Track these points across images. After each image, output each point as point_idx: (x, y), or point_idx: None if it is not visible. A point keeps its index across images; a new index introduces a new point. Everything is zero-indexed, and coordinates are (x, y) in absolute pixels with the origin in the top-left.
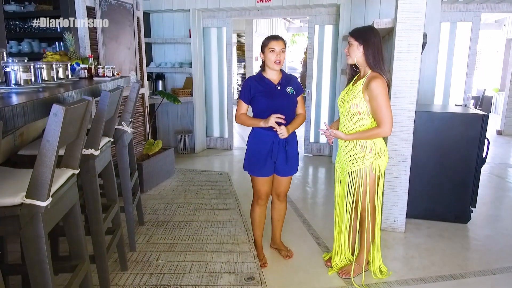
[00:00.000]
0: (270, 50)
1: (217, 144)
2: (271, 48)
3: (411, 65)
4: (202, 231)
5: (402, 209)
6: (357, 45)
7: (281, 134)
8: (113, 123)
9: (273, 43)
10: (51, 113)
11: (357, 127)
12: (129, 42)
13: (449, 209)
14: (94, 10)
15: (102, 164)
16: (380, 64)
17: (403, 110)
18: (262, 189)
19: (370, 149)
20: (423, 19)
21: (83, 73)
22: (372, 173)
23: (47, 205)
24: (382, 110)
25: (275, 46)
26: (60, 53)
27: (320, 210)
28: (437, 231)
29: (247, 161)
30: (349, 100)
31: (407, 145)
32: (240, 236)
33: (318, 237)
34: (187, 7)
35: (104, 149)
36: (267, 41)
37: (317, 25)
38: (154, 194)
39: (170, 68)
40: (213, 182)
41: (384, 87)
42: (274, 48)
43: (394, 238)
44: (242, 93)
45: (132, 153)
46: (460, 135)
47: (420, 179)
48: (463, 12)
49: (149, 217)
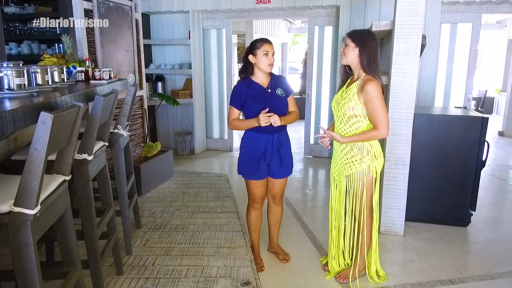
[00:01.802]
0: (264, 53)
1: (217, 145)
2: (265, 51)
3: (410, 67)
4: (199, 234)
5: (401, 212)
6: (353, 46)
7: (275, 122)
8: (107, 128)
9: (266, 46)
10: (39, 120)
11: (353, 129)
12: (128, 44)
13: (448, 212)
14: (91, 12)
15: (96, 169)
16: (374, 67)
17: (402, 112)
18: (257, 192)
19: (367, 151)
20: (422, 22)
21: (80, 76)
22: (369, 175)
23: (36, 213)
24: (379, 113)
25: (269, 49)
26: (58, 55)
27: (319, 213)
28: (436, 235)
29: (241, 164)
30: (345, 103)
31: (405, 148)
32: (237, 239)
33: (316, 240)
34: (186, 8)
35: (98, 154)
36: (260, 44)
37: (317, 26)
38: (152, 197)
39: (169, 69)
40: (212, 185)
41: (379, 90)
42: (267, 51)
43: (393, 241)
44: (232, 99)
45: (128, 157)
46: (460, 138)
47: (419, 182)
48: (464, 13)
49: (147, 220)
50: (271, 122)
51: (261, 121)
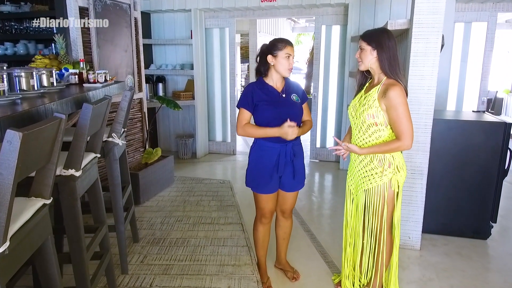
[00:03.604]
0: (286, 55)
1: (220, 148)
2: (287, 53)
3: (429, 69)
4: (201, 249)
5: (417, 225)
6: (370, 49)
7: (293, 133)
8: (99, 137)
9: (289, 48)
10: (4, 140)
11: (373, 139)
12: (126, 44)
13: (467, 224)
14: (87, 10)
15: (86, 184)
16: (396, 69)
17: (420, 118)
18: (266, 206)
19: (389, 164)
20: (442, 20)
21: (73, 79)
22: (391, 189)
23: (4, 251)
24: (403, 122)
25: (291, 52)
26: (50, 56)
27: (328, 223)
28: (454, 249)
29: (250, 176)
30: (364, 110)
31: (423, 156)
32: (242, 256)
33: (326, 255)
34: (188, 7)
35: (88, 168)
36: (283, 45)
37: (324, 26)
38: (152, 206)
39: (171, 70)
40: (214, 192)
41: (403, 96)
42: (290, 53)
43: (409, 256)
44: (243, 101)
45: (125, 166)
46: (480, 145)
47: (436, 192)
48: (478, 11)
49: (145, 233)
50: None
51: (288, 135)
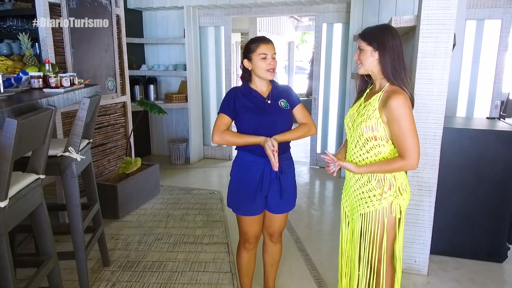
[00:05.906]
0: (260, 56)
1: (215, 153)
2: (261, 54)
3: (439, 72)
4: (178, 276)
5: (425, 247)
6: (371, 50)
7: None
8: (41, 155)
9: (263, 47)
10: None
11: (372, 155)
12: (106, 44)
13: (480, 245)
14: (59, 7)
15: (21, 214)
16: (401, 74)
17: (428, 128)
18: (250, 230)
19: (390, 185)
20: (454, 16)
21: (36, 83)
22: (391, 215)
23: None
24: (407, 137)
25: (267, 51)
26: (14, 58)
27: (325, 241)
28: (466, 273)
29: (231, 196)
30: (362, 121)
31: (432, 171)
32: (224, 285)
33: (322, 281)
34: (181, 4)
35: (24, 194)
36: (255, 45)
37: (325, 24)
38: (131, 221)
39: (163, 71)
40: (202, 205)
41: (408, 106)
42: (265, 53)
43: (415, 283)
44: (224, 105)
45: (90, 180)
46: (496, 157)
47: (446, 209)
48: (492, 8)
49: (119, 254)
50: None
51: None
